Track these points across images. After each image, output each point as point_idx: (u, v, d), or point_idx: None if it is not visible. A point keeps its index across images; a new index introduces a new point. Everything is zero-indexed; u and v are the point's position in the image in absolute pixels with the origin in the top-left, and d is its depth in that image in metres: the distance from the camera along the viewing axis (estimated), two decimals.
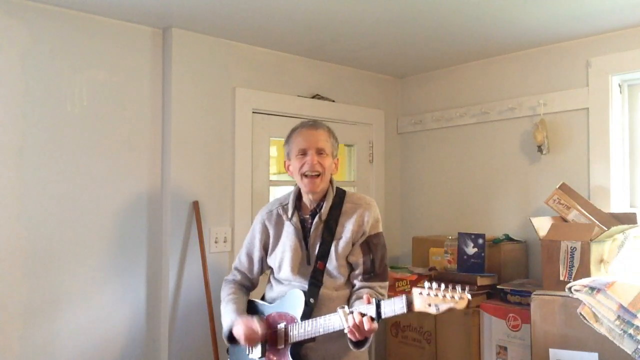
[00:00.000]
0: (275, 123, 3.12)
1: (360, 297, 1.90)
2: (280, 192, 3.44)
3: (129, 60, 2.64)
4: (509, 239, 2.99)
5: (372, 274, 1.97)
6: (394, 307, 1.69)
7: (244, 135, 2.94)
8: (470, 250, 2.83)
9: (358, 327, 1.72)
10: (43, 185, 2.38)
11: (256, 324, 1.89)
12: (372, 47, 3.04)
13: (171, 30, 2.70)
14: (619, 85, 2.81)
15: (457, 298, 1.59)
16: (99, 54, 2.54)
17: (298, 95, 3.21)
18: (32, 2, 2.35)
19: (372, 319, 1.72)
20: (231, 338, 1.97)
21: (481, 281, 2.72)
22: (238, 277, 2.18)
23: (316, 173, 1.94)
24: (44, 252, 2.38)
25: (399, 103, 3.79)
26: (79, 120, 2.48)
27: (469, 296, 1.60)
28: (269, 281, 2.16)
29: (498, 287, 2.72)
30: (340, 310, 1.77)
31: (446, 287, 1.63)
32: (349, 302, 1.96)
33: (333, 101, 3.37)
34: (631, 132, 2.83)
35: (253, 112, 3.00)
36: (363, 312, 1.73)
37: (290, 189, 2.14)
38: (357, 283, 1.98)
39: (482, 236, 2.81)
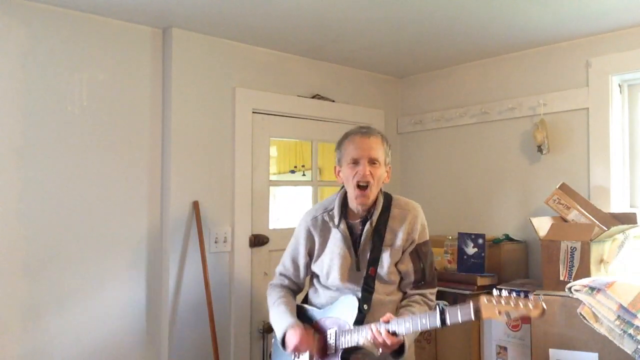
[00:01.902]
0: (275, 123, 3.12)
1: (409, 305, 1.94)
2: (280, 192, 3.46)
3: (129, 60, 2.64)
4: (509, 239, 2.99)
5: (423, 282, 1.99)
6: (459, 313, 1.65)
7: (244, 135, 2.94)
8: (470, 250, 2.83)
9: (378, 340, 1.74)
10: (43, 185, 2.38)
11: (310, 338, 1.89)
12: (372, 47, 3.04)
13: (171, 30, 2.70)
14: (619, 85, 2.81)
15: (531, 306, 1.55)
16: (99, 54, 2.54)
17: (298, 95, 3.21)
18: (32, 2, 2.35)
19: (392, 333, 1.73)
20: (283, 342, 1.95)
21: (481, 281, 2.72)
22: (286, 282, 2.15)
23: (365, 183, 1.92)
24: (44, 252, 2.38)
25: (399, 103, 3.79)
26: (79, 120, 2.48)
27: (544, 305, 1.56)
28: (312, 285, 2.14)
29: (498, 287, 2.71)
30: (362, 343, 1.79)
31: (517, 294, 1.60)
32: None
33: (333, 101, 3.37)
34: (631, 132, 2.83)
35: (253, 112, 3.00)
36: (424, 321, 1.71)
37: (291, 189, 2.14)
38: (409, 291, 2.00)
39: (482, 236, 2.81)
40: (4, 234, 2.28)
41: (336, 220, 2.00)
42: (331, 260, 1.99)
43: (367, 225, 1.96)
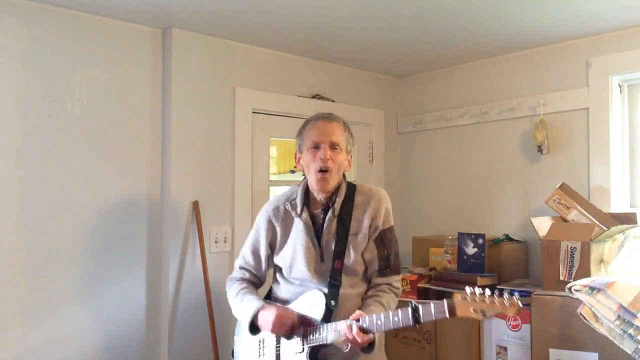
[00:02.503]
0: (275, 123, 3.12)
1: (377, 295, 1.89)
2: (280, 192, 3.45)
3: (129, 60, 2.64)
4: (509, 239, 2.99)
5: (388, 269, 1.93)
6: (432, 311, 1.62)
7: (244, 135, 2.94)
8: (470, 250, 2.83)
9: (348, 337, 1.70)
10: (43, 185, 2.38)
11: (288, 311, 1.81)
12: (372, 47, 3.04)
13: (171, 30, 2.70)
14: (619, 85, 2.81)
15: (507, 304, 1.54)
16: (99, 54, 2.54)
17: (298, 95, 3.21)
18: (32, 2, 2.35)
19: (363, 331, 1.68)
20: (252, 327, 1.87)
21: (481, 281, 2.71)
22: (246, 275, 2.05)
23: (325, 168, 1.85)
24: (44, 252, 2.38)
25: (399, 103, 3.79)
26: (79, 120, 2.48)
27: (520, 303, 1.55)
28: (275, 280, 2.06)
29: (498, 287, 2.72)
30: (332, 339, 1.74)
31: (492, 293, 1.57)
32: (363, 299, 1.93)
33: (333, 101, 3.37)
34: (631, 132, 2.83)
35: (253, 112, 3.00)
36: (396, 319, 1.67)
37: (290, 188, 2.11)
38: (374, 280, 1.94)
39: (482, 236, 2.81)
40: (4, 234, 2.28)
41: (298, 209, 1.93)
42: (294, 252, 1.92)
43: (329, 214, 1.90)
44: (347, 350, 1.73)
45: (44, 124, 2.39)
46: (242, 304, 1.92)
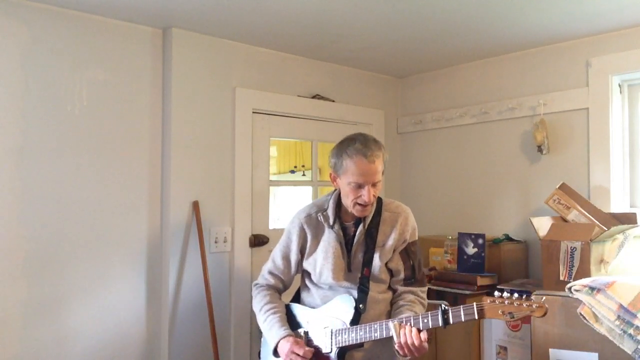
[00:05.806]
0: (275, 123, 3.12)
1: (403, 303, 1.99)
2: (280, 192, 3.46)
3: (129, 60, 2.64)
4: (509, 239, 2.99)
5: (413, 279, 2.05)
6: (462, 313, 1.70)
7: (244, 135, 2.94)
8: (470, 250, 2.83)
9: (407, 344, 1.75)
10: (43, 185, 2.38)
11: (303, 349, 1.89)
12: (372, 47, 3.04)
13: (171, 30, 2.70)
14: (619, 85, 2.81)
15: (535, 306, 1.62)
16: (99, 54, 2.54)
17: (298, 95, 3.21)
18: (32, 2, 2.35)
19: (419, 330, 1.75)
20: (275, 352, 1.98)
21: (481, 281, 2.72)
22: (272, 281, 2.13)
23: (367, 204, 1.94)
24: (44, 252, 2.38)
25: (399, 103, 3.79)
26: (79, 120, 2.49)
27: (547, 305, 1.63)
28: (304, 284, 2.15)
29: (498, 287, 2.71)
30: (391, 324, 1.80)
31: (519, 296, 1.65)
32: (391, 304, 2.04)
33: (333, 101, 3.37)
34: (631, 132, 2.83)
35: (253, 112, 3.00)
36: (425, 321, 1.75)
37: (291, 189, 2.13)
38: (400, 288, 2.05)
39: (482, 236, 2.81)
40: (4, 234, 2.28)
41: (331, 220, 2.03)
42: (324, 259, 2.01)
43: (360, 227, 2.00)
44: (402, 356, 1.81)
45: (44, 123, 2.39)
46: (265, 324, 2.03)
